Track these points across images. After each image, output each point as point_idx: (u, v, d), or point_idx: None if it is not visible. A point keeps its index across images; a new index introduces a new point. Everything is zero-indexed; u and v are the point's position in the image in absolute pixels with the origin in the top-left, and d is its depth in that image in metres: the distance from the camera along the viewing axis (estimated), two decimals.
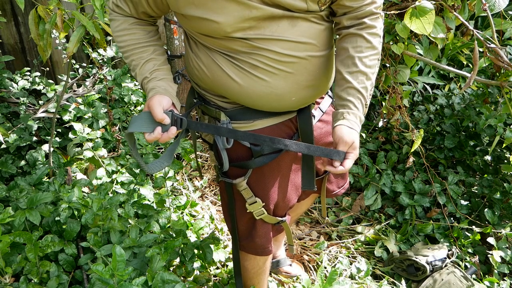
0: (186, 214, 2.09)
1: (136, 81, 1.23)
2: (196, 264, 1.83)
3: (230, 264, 1.95)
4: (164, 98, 1.14)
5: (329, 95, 1.42)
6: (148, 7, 1.15)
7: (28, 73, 2.77)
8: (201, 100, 1.29)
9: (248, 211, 1.33)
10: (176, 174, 2.60)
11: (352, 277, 2.06)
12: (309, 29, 1.09)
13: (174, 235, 1.73)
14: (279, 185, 1.34)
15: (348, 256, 2.21)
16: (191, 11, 1.04)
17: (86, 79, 2.94)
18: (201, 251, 1.73)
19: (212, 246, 1.77)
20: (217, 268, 1.96)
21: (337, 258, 2.18)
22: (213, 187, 2.67)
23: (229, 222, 1.43)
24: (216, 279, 1.91)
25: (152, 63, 1.19)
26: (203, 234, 2.10)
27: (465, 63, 2.77)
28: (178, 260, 1.76)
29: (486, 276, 2.07)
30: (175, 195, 2.19)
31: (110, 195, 1.86)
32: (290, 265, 2.04)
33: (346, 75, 1.13)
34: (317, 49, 1.13)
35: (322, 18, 1.11)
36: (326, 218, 2.47)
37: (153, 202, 1.97)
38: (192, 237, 1.98)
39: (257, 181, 1.30)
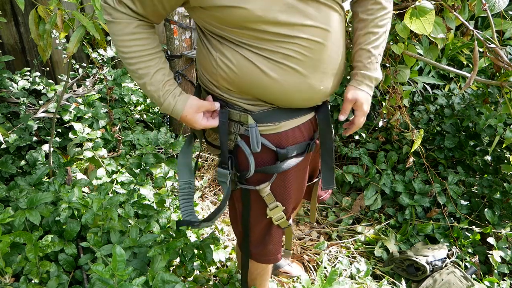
0: None
1: (137, 84, 1.13)
2: (196, 264, 1.83)
3: (230, 264, 1.95)
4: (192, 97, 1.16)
5: None
6: (159, 4, 1.05)
7: (28, 73, 2.77)
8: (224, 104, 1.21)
9: (268, 216, 1.30)
10: (176, 174, 2.60)
11: (352, 277, 2.06)
12: (332, 16, 1.09)
13: (174, 235, 1.73)
14: (297, 187, 1.32)
15: (348, 256, 2.21)
16: (217, 0, 0.98)
17: (86, 79, 2.94)
18: (201, 251, 1.73)
19: (212, 246, 1.77)
20: (217, 268, 1.96)
21: (337, 258, 2.18)
22: (213, 187, 2.67)
23: (240, 230, 1.38)
24: (216, 279, 1.91)
25: (161, 73, 1.13)
26: (203, 234, 2.10)
27: (465, 63, 2.77)
28: (178, 260, 1.76)
29: (486, 276, 2.07)
30: (175, 195, 2.19)
31: (110, 195, 1.86)
32: (290, 265, 2.04)
33: (358, 37, 1.20)
34: (338, 37, 1.13)
35: (340, 5, 1.12)
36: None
37: (153, 202, 1.97)
38: (192, 237, 1.98)
39: (279, 185, 1.27)
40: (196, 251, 1.74)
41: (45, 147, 2.30)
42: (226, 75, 1.11)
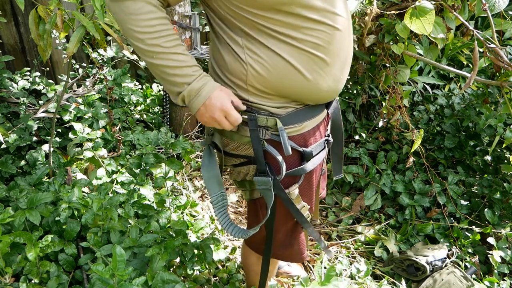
0: (186, 214, 2.09)
1: (155, 61, 1.02)
2: (196, 265, 1.83)
3: (230, 264, 1.95)
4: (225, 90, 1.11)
5: None
6: None
7: (28, 73, 2.77)
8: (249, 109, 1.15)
9: (295, 219, 1.29)
10: (176, 174, 2.60)
11: (352, 277, 2.06)
12: (345, 3, 1.12)
13: (174, 235, 1.73)
14: (316, 185, 1.33)
15: (348, 256, 2.21)
16: None
17: (86, 79, 2.94)
18: (201, 251, 1.73)
19: (212, 246, 1.77)
20: (217, 268, 1.96)
21: (337, 258, 2.18)
22: None
23: (263, 235, 1.34)
24: (216, 279, 1.91)
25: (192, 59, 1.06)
26: (203, 234, 2.10)
27: (465, 63, 2.78)
28: (178, 260, 1.76)
29: (486, 276, 2.07)
30: (175, 195, 2.19)
31: (110, 195, 1.86)
32: (290, 265, 2.04)
33: None
34: (350, 25, 1.15)
35: None
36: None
37: (153, 202, 1.97)
38: (192, 237, 1.98)
39: (305, 185, 1.26)
40: (196, 251, 1.74)
41: (45, 147, 2.30)
42: (257, 73, 1.07)
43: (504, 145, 2.18)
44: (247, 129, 1.15)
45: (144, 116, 2.97)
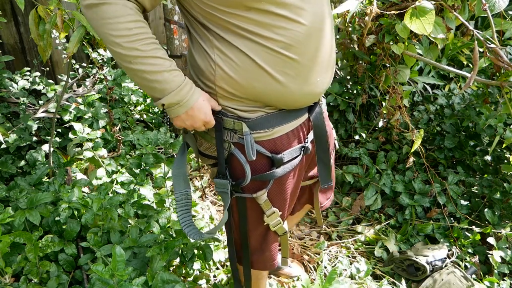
0: None
1: (135, 68, 1.00)
2: (196, 265, 1.83)
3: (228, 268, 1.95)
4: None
5: None
6: None
7: (28, 73, 2.77)
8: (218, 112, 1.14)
9: (265, 223, 1.27)
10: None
11: (352, 277, 2.06)
12: (324, 2, 1.07)
13: (174, 235, 1.73)
14: (292, 192, 1.29)
15: (348, 256, 2.21)
16: None
17: (86, 79, 2.94)
18: (201, 251, 1.73)
19: (212, 246, 1.77)
20: (217, 268, 1.96)
21: (337, 258, 2.18)
22: (213, 187, 2.67)
23: (237, 238, 1.34)
24: (216, 279, 1.91)
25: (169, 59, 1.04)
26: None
27: (465, 63, 2.78)
28: (178, 260, 1.76)
29: (486, 276, 2.07)
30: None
31: (110, 195, 1.86)
32: (290, 266, 2.04)
33: None
34: (331, 24, 1.09)
35: None
36: (324, 220, 2.46)
37: (153, 202, 1.97)
38: None
39: (276, 191, 1.23)
40: (196, 251, 1.74)
41: (45, 147, 2.30)
42: (226, 74, 1.05)
43: (504, 145, 2.17)
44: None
45: (144, 116, 2.97)
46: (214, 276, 1.92)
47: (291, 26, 1.01)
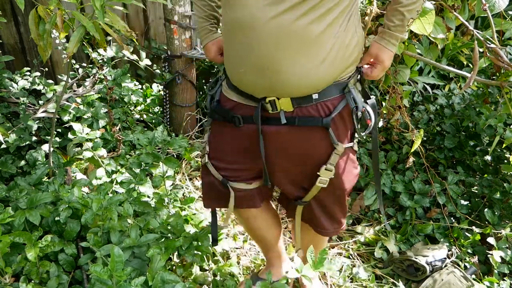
0: (185, 209, 2.08)
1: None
2: (196, 258, 1.80)
3: (230, 261, 1.95)
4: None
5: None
6: None
7: (28, 73, 2.77)
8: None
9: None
10: (176, 174, 2.60)
11: (352, 278, 2.06)
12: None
13: (172, 230, 1.72)
14: (229, 151, 1.44)
15: (348, 257, 2.21)
16: None
17: (86, 79, 2.94)
18: (199, 243, 1.71)
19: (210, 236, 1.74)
20: (217, 261, 1.94)
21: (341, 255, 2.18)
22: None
23: None
24: (217, 278, 1.90)
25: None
26: (203, 228, 2.08)
27: (465, 63, 2.78)
28: (177, 256, 1.75)
29: (486, 276, 2.07)
30: (176, 195, 2.18)
31: (110, 195, 1.86)
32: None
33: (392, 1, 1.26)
34: (275, 25, 1.15)
35: None
36: (296, 253, 2.19)
37: (152, 199, 1.97)
38: (192, 231, 1.97)
39: (213, 132, 1.48)
40: (195, 243, 1.72)
41: (45, 147, 2.30)
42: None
43: (504, 145, 2.17)
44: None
45: (144, 116, 2.97)
46: (214, 275, 1.91)
47: (230, 14, 1.21)
